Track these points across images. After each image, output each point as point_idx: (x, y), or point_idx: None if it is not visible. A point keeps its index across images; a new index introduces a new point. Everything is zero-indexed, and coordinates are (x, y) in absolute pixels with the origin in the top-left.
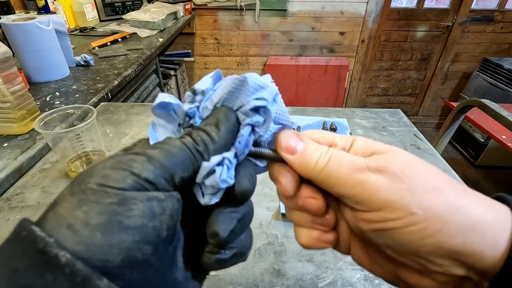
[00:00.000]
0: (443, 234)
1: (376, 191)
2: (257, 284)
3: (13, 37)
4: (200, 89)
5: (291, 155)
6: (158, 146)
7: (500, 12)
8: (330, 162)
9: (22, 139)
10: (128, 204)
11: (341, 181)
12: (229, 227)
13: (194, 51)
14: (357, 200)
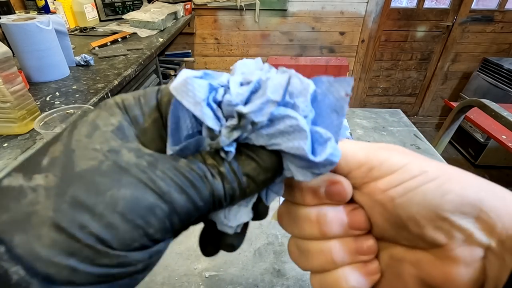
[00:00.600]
0: (461, 188)
1: (388, 157)
2: (257, 284)
3: (13, 37)
4: (256, 120)
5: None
6: (186, 190)
7: (500, 12)
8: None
9: (22, 139)
10: (128, 266)
11: (350, 154)
12: (243, 239)
13: (194, 51)
14: (369, 166)
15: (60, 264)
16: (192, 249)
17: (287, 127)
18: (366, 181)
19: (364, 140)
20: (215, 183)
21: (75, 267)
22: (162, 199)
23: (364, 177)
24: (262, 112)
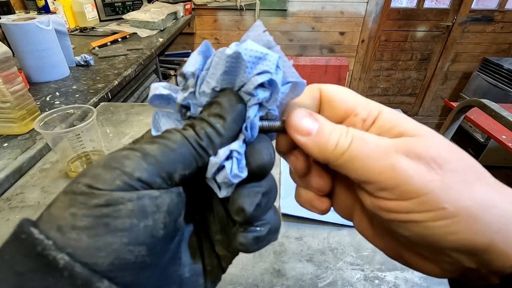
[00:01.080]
0: (470, 232)
1: (407, 180)
2: (257, 284)
3: (13, 37)
4: (189, 72)
5: (304, 137)
6: (157, 140)
7: (500, 12)
8: (352, 144)
9: (22, 139)
10: (115, 204)
11: (366, 166)
12: (254, 201)
13: (194, 51)
14: (382, 186)
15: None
16: None
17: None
18: (375, 196)
19: None
20: (186, 132)
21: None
22: (134, 149)
23: (374, 192)
24: (193, 61)
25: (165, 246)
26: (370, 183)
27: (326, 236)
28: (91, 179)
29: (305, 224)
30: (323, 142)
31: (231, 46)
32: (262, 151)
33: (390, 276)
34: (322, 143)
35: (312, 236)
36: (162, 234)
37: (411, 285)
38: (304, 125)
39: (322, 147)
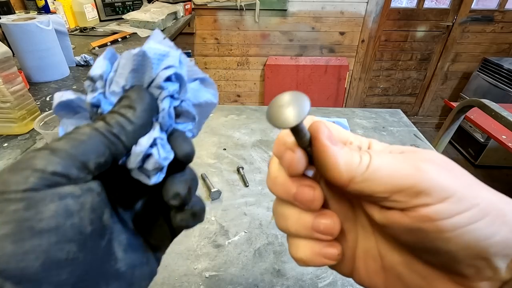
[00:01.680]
0: (508, 228)
1: (436, 180)
2: (257, 284)
3: (13, 37)
4: (97, 74)
5: (337, 148)
6: (64, 136)
7: (500, 12)
8: (373, 158)
9: (22, 139)
10: (36, 207)
11: (392, 174)
12: (186, 186)
13: (194, 51)
14: (416, 190)
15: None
16: (192, 249)
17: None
18: (412, 206)
19: None
20: (96, 124)
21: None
22: (40, 149)
23: (409, 201)
24: (99, 65)
25: (96, 242)
26: (401, 191)
27: None
28: (1, 185)
29: None
30: (349, 158)
31: (136, 49)
32: (185, 141)
33: None
34: (348, 159)
35: None
36: (90, 230)
37: None
38: (333, 137)
39: (349, 162)
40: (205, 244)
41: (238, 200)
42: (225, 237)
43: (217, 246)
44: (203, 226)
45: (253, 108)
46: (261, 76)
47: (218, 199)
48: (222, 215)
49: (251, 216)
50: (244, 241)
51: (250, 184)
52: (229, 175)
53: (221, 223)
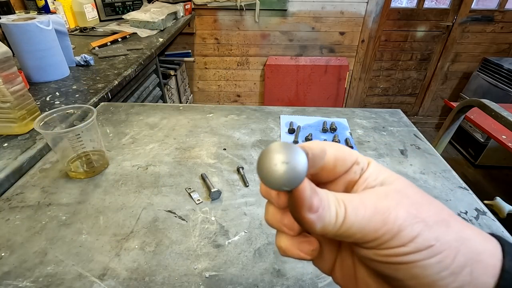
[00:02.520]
0: (456, 265)
1: (400, 230)
2: (257, 284)
3: (13, 37)
4: None
5: (313, 214)
6: None
7: (500, 12)
8: (347, 213)
9: (22, 139)
10: None
11: (364, 230)
12: None
13: (194, 51)
14: (383, 241)
15: None
16: (192, 249)
17: None
18: (377, 248)
19: (363, 140)
20: None
21: None
22: None
23: (375, 245)
24: None
25: None
26: (372, 241)
27: None
28: None
29: None
30: (327, 217)
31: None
32: None
33: None
34: (326, 219)
35: None
36: None
37: None
38: (315, 201)
39: (326, 222)
40: (205, 244)
41: (238, 200)
42: (225, 237)
43: (217, 246)
44: (203, 226)
45: (253, 108)
46: (261, 76)
47: (218, 199)
48: (222, 215)
49: (251, 216)
50: (244, 241)
51: (250, 184)
52: (229, 175)
53: (221, 223)
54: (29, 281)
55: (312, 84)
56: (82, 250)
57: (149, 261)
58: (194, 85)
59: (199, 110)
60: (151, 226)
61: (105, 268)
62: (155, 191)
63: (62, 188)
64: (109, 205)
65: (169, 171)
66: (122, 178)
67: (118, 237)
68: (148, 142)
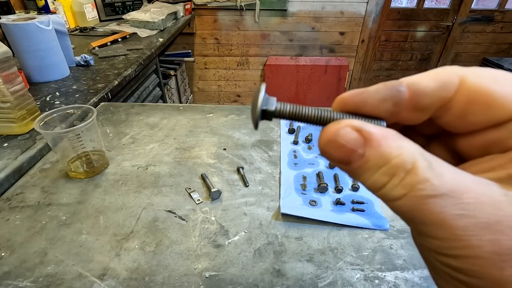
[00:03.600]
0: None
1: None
2: (257, 284)
3: (13, 37)
4: None
5: (343, 165)
6: None
7: (500, 12)
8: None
9: (22, 139)
10: None
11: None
12: None
13: (194, 51)
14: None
15: None
16: (192, 249)
17: None
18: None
19: None
20: None
21: None
22: None
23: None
24: None
25: None
26: (436, 240)
27: (326, 236)
28: None
29: (305, 224)
30: (368, 174)
31: None
32: None
33: (390, 276)
34: (365, 175)
35: (312, 236)
36: None
37: (411, 285)
38: (342, 154)
39: (365, 177)
40: (205, 244)
41: (238, 200)
42: (225, 237)
43: (217, 246)
44: (203, 226)
45: None
46: (261, 76)
47: (218, 199)
48: (222, 215)
49: (251, 216)
50: (244, 241)
51: (250, 184)
52: (229, 175)
53: (221, 223)
54: (29, 281)
55: (312, 84)
56: (82, 250)
57: (149, 261)
58: (194, 85)
59: (199, 110)
60: (151, 226)
61: (105, 268)
62: (155, 191)
63: (62, 188)
64: (109, 205)
65: (169, 171)
66: (122, 178)
67: (118, 237)
68: (148, 142)
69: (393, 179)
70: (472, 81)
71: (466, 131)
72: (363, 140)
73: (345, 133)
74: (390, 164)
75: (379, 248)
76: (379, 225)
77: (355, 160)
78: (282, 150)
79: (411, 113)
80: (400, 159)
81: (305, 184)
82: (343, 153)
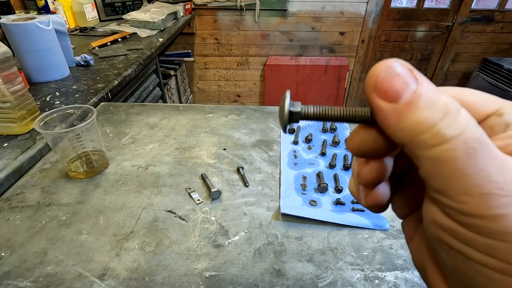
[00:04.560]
0: None
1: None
2: (257, 284)
3: (13, 37)
4: None
5: (388, 104)
6: None
7: (500, 12)
8: (465, 132)
9: (22, 139)
10: None
11: (467, 180)
12: None
13: (194, 51)
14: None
15: None
16: (192, 249)
17: None
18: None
19: None
20: None
21: None
22: None
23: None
24: None
25: None
26: (462, 203)
27: (326, 236)
28: None
29: (305, 224)
30: (414, 116)
31: None
32: None
33: (390, 276)
34: (410, 118)
35: (312, 236)
36: None
37: (411, 285)
38: (395, 86)
39: (407, 123)
40: (205, 244)
41: (238, 200)
42: (225, 237)
43: (217, 246)
44: (203, 226)
45: (253, 108)
46: (261, 76)
47: (218, 199)
48: (222, 215)
49: (251, 216)
50: (244, 241)
51: (250, 184)
52: (229, 175)
53: (221, 223)
54: (29, 281)
55: (312, 84)
56: (82, 250)
57: (149, 261)
58: (194, 85)
59: (199, 110)
60: (151, 226)
61: (105, 268)
62: (155, 191)
63: (62, 188)
64: (109, 205)
65: (169, 171)
66: (122, 178)
67: (118, 237)
68: (148, 142)
69: (447, 117)
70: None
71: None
72: (415, 79)
73: (399, 65)
74: (442, 102)
75: (379, 248)
76: (379, 225)
77: (408, 95)
78: (282, 150)
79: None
80: (452, 102)
81: (305, 184)
82: (398, 84)
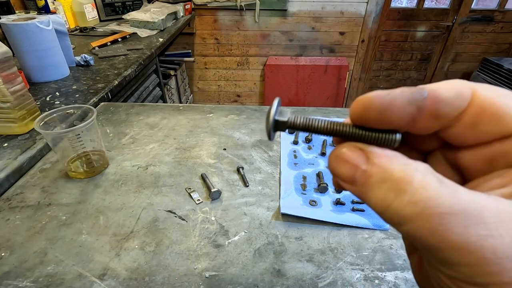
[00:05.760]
0: None
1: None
2: (257, 284)
3: (13, 37)
4: None
5: (350, 186)
6: None
7: (500, 12)
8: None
9: (22, 139)
10: None
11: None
12: None
13: (194, 51)
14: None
15: None
16: (192, 249)
17: None
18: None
19: None
20: None
21: None
22: None
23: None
24: None
25: None
26: (448, 264)
27: (326, 236)
28: None
29: (305, 224)
30: (371, 193)
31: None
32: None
33: (390, 276)
34: (369, 194)
35: (312, 236)
36: None
37: (411, 285)
38: (347, 171)
39: (372, 201)
40: (205, 244)
41: (238, 200)
42: (225, 237)
43: (217, 246)
44: (203, 226)
45: (253, 108)
46: (261, 76)
47: (218, 199)
48: (222, 215)
49: (251, 216)
50: (244, 241)
51: (250, 184)
52: (229, 175)
53: (221, 223)
54: (29, 281)
55: (312, 84)
56: (82, 250)
57: (149, 261)
58: (194, 85)
59: (199, 110)
60: (151, 226)
61: (105, 268)
62: (155, 191)
63: (62, 188)
64: (109, 205)
65: (169, 171)
66: (122, 178)
67: (118, 237)
68: (148, 142)
69: (400, 196)
70: (482, 93)
71: (473, 143)
72: (366, 158)
73: (348, 151)
74: (394, 178)
75: (379, 248)
76: (379, 225)
77: (359, 177)
78: (282, 150)
79: (428, 120)
80: (405, 174)
81: (305, 184)
82: (348, 169)
